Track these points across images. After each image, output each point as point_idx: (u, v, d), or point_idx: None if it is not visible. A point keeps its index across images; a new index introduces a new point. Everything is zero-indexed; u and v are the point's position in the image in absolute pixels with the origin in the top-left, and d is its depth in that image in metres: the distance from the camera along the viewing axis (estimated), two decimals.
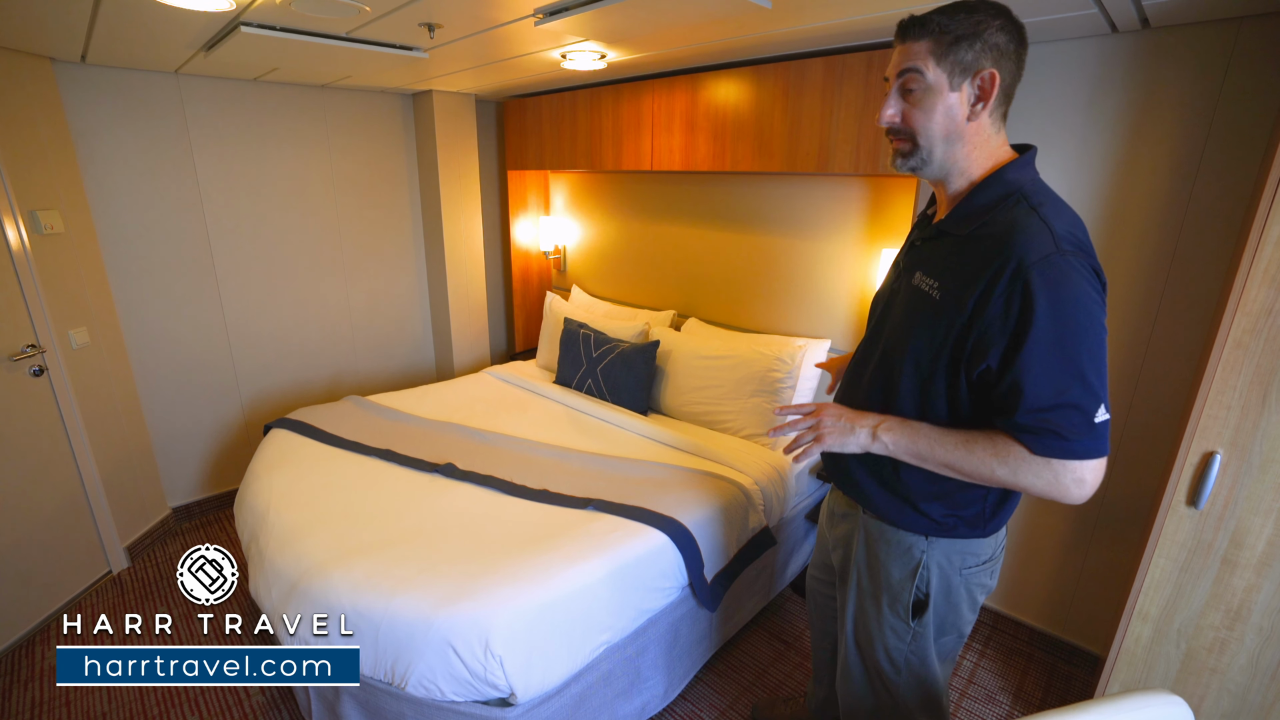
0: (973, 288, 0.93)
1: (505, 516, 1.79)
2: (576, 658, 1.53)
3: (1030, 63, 1.82)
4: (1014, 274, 0.88)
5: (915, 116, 0.98)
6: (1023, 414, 0.89)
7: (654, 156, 2.57)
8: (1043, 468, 0.90)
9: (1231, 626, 1.33)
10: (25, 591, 2.14)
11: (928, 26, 0.95)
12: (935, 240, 1.06)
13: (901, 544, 1.14)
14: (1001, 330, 0.90)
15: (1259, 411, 1.22)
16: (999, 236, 0.92)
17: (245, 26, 1.72)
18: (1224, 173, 1.57)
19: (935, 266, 1.02)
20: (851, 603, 1.26)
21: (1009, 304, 0.89)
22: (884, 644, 1.20)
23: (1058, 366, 0.87)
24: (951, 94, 0.96)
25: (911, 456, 1.01)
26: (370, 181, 3.15)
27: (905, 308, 1.06)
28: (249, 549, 1.81)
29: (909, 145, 1.01)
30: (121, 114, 2.39)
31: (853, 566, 1.25)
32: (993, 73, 0.95)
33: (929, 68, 0.95)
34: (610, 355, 2.69)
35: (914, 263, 1.09)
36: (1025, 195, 0.96)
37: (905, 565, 1.14)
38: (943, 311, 0.96)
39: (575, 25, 1.72)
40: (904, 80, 0.98)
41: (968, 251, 0.96)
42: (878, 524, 1.18)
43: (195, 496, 2.90)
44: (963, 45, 0.94)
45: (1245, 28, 1.48)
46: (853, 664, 1.29)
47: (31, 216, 2.09)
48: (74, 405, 2.26)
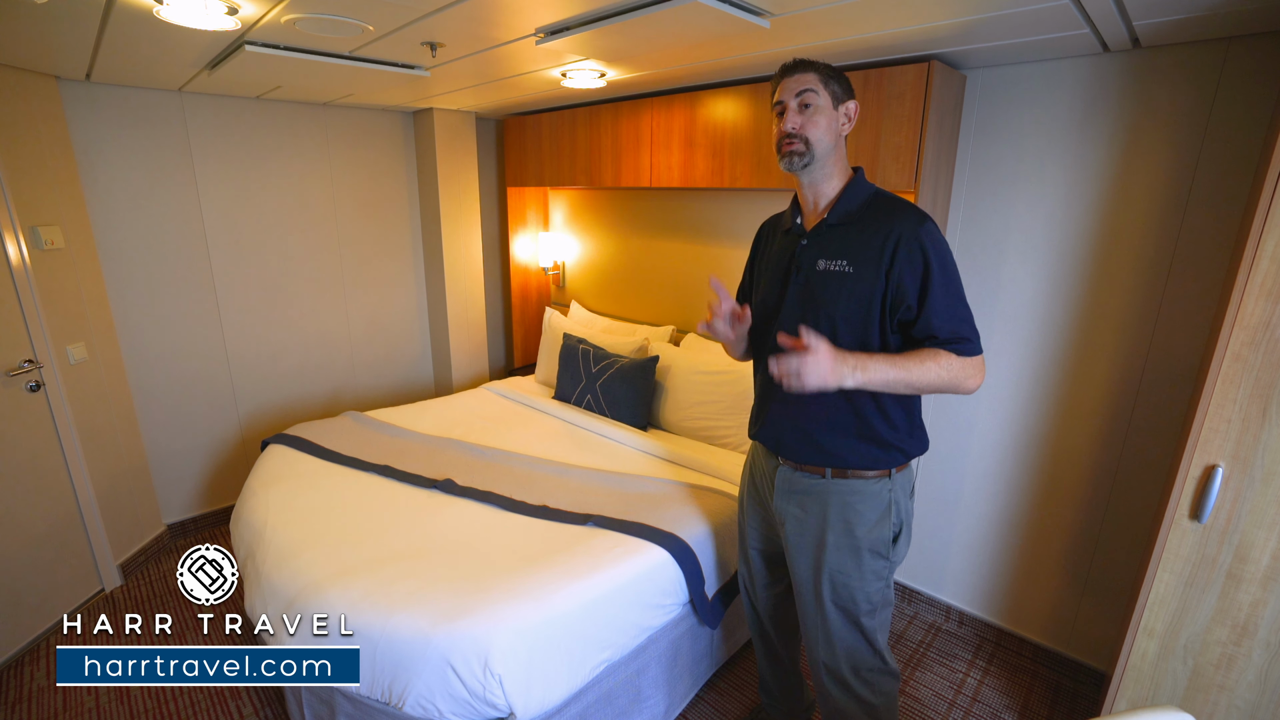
0: (881, 256, 1.23)
1: (504, 533, 1.78)
2: (577, 676, 1.51)
3: (1025, 80, 1.87)
4: (908, 239, 1.22)
5: (810, 125, 1.27)
6: (941, 331, 1.21)
7: (653, 173, 2.59)
8: (965, 365, 1.21)
9: (1239, 642, 1.32)
10: (16, 611, 2.10)
11: (815, 65, 1.28)
12: (824, 235, 1.33)
13: (872, 491, 1.34)
14: (912, 280, 1.22)
15: (1260, 424, 1.22)
16: (885, 219, 1.26)
17: (250, 45, 1.74)
18: (1217, 188, 1.59)
19: (836, 251, 1.30)
20: (828, 568, 1.37)
21: (911, 260, 1.21)
22: (865, 592, 1.38)
23: (951, 294, 1.22)
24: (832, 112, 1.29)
25: (882, 382, 1.20)
26: (370, 198, 3.17)
27: (823, 286, 1.30)
28: (245, 565, 1.79)
29: (803, 147, 1.28)
30: (124, 131, 2.41)
31: (827, 532, 1.36)
32: (857, 104, 1.32)
33: (820, 88, 1.27)
34: (609, 371, 2.68)
35: (810, 256, 1.33)
36: (880, 192, 1.33)
37: (879, 508, 1.35)
38: (859, 280, 1.25)
39: (576, 44, 1.74)
40: (802, 98, 1.26)
41: (864, 234, 1.27)
42: (847, 482, 1.35)
43: (191, 513, 2.87)
44: (833, 80, 1.29)
45: (1234, 48, 1.51)
46: (836, 626, 1.41)
47: (33, 232, 2.09)
48: (70, 421, 2.24)
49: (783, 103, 1.30)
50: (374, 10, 1.49)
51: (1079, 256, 1.83)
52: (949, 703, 1.98)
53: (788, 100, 1.29)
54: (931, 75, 1.73)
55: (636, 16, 1.46)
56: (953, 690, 2.03)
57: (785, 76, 1.30)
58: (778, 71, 1.32)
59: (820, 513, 1.38)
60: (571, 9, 1.49)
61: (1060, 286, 1.88)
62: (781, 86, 1.31)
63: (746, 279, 1.60)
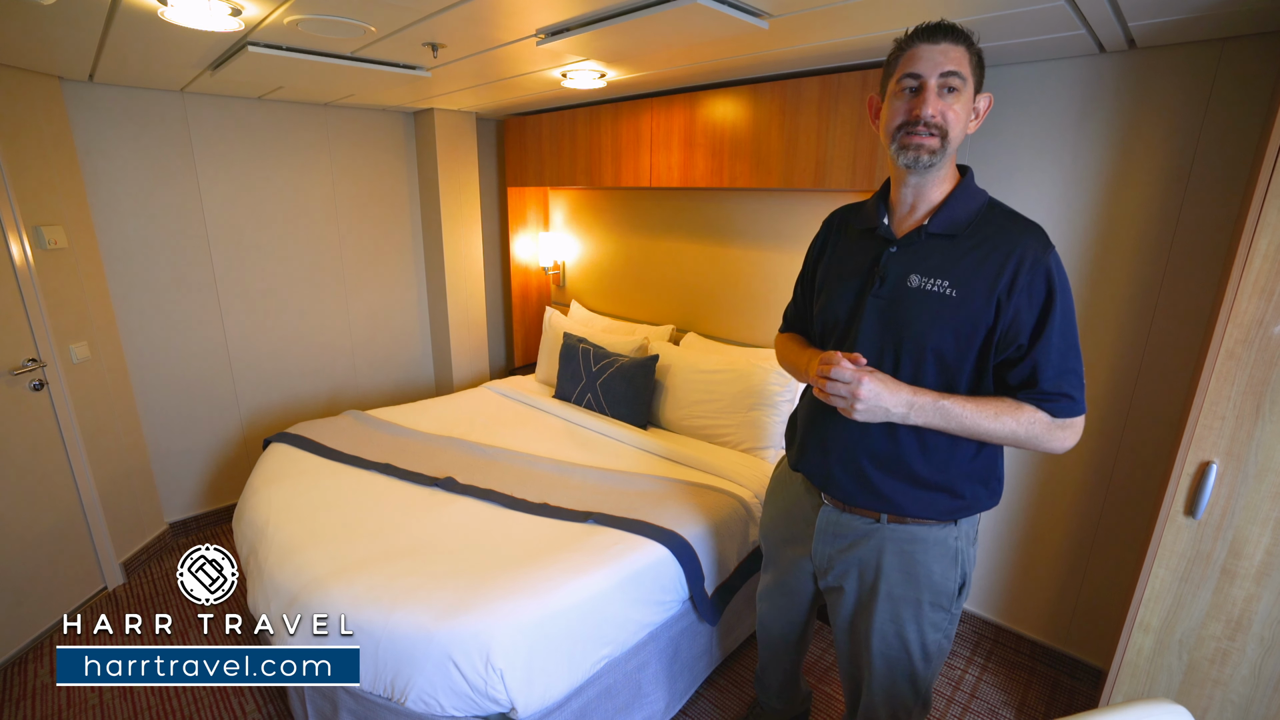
0: (996, 281, 1.03)
1: (505, 530, 1.79)
2: (577, 672, 1.52)
3: (1022, 81, 1.88)
4: (1032, 266, 1.02)
5: (951, 116, 1.03)
6: (1045, 382, 1.03)
7: (652, 173, 2.60)
8: (1059, 428, 1.05)
9: (1233, 637, 1.33)
10: (19, 609, 2.11)
11: (964, 36, 1.03)
12: (920, 244, 1.11)
13: (935, 539, 1.17)
14: (1029, 315, 1.03)
15: (1253, 421, 1.23)
16: (1004, 236, 1.05)
17: (252, 46, 1.75)
18: (1212, 187, 1.61)
19: (935, 267, 1.08)
20: (878, 622, 1.22)
21: (1033, 291, 1.02)
22: (923, 641, 1.22)
23: (1066, 341, 1.03)
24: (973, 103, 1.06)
25: (940, 423, 1.06)
26: (371, 198, 3.18)
27: (915, 308, 1.09)
28: (248, 563, 1.80)
29: (938, 143, 1.04)
30: (127, 131, 2.42)
31: (880, 582, 1.20)
32: (990, 97, 1.08)
33: (967, 73, 1.03)
34: (610, 370, 2.70)
35: (900, 267, 1.12)
36: (996, 203, 1.11)
37: (944, 557, 1.17)
38: (963, 306, 1.04)
39: (576, 45, 1.76)
40: (947, 80, 1.01)
41: (976, 252, 1.06)
42: (908, 529, 1.17)
43: (193, 511, 2.88)
44: (981, 65, 1.05)
45: (1228, 48, 1.53)
46: (881, 678, 1.27)
47: (36, 232, 2.10)
48: (73, 419, 2.25)
49: (921, 78, 1.02)
50: (376, 11, 1.50)
51: (1075, 256, 1.84)
52: (947, 699, 1.99)
53: (929, 77, 1.01)
54: None
55: (636, 17, 1.47)
56: (951, 686, 2.04)
57: (923, 42, 1.02)
58: (912, 34, 1.03)
59: (873, 562, 1.20)
60: (572, 10, 1.50)
61: None
62: (916, 56, 1.02)
63: (809, 269, 1.37)
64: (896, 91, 1.05)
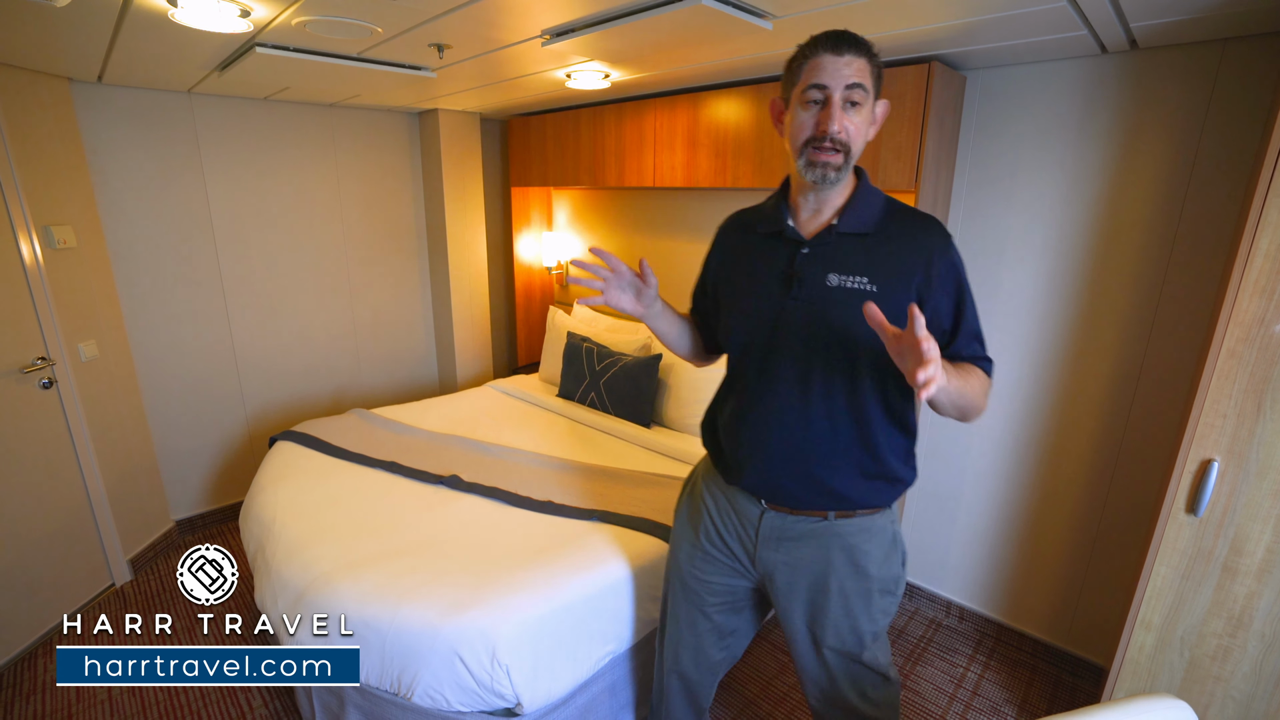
0: (913, 276, 1.08)
1: (510, 527, 1.80)
2: (582, 668, 1.53)
3: (1025, 81, 1.89)
4: (942, 258, 1.08)
5: (854, 130, 1.03)
6: (974, 351, 1.12)
7: (656, 173, 2.61)
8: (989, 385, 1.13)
9: (1234, 634, 1.34)
10: (29, 603, 2.13)
11: (867, 47, 1.02)
12: (833, 244, 1.11)
13: (878, 528, 1.21)
14: (948, 304, 1.10)
15: (1254, 419, 1.24)
16: (911, 233, 1.10)
17: (260, 47, 1.77)
18: (1213, 187, 1.61)
19: (853, 266, 1.10)
20: (831, 615, 1.22)
21: (946, 282, 1.09)
22: (873, 630, 1.24)
23: (974, 312, 1.12)
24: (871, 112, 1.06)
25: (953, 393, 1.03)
26: (376, 198, 3.20)
27: (837, 307, 1.09)
28: (255, 559, 1.82)
29: (842, 159, 1.04)
30: (134, 132, 2.44)
31: (830, 577, 1.21)
32: (887, 104, 1.10)
33: (869, 85, 1.03)
34: (613, 368, 2.71)
35: (816, 268, 1.11)
36: (893, 200, 1.15)
37: (884, 544, 1.22)
38: (885, 301, 1.03)
39: (581, 46, 1.77)
40: (851, 93, 1.00)
41: (887, 248, 1.09)
42: (854, 521, 1.19)
43: (199, 509, 2.90)
44: (880, 75, 1.06)
45: (1229, 49, 1.53)
46: (838, 669, 1.27)
47: (45, 231, 2.12)
48: (81, 417, 2.27)
49: (827, 90, 1.00)
50: (383, 12, 1.51)
51: (1077, 255, 1.85)
52: (949, 696, 2.00)
53: (834, 90, 1.00)
54: (932, 76, 1.75)
55: (642, 18, 1.48)
56: (953, 684, 2.05)
57: (828, 53, 1.00)
58: (815, 43, 1.01)
59: (821, 558, 1.21)
60: (577, 11, 1.51)
61: (1059, 284, 1.90)
62: (820, 67, 1.00)
63: (707, 281, 1.36)
64: (803, 103, 1.04)
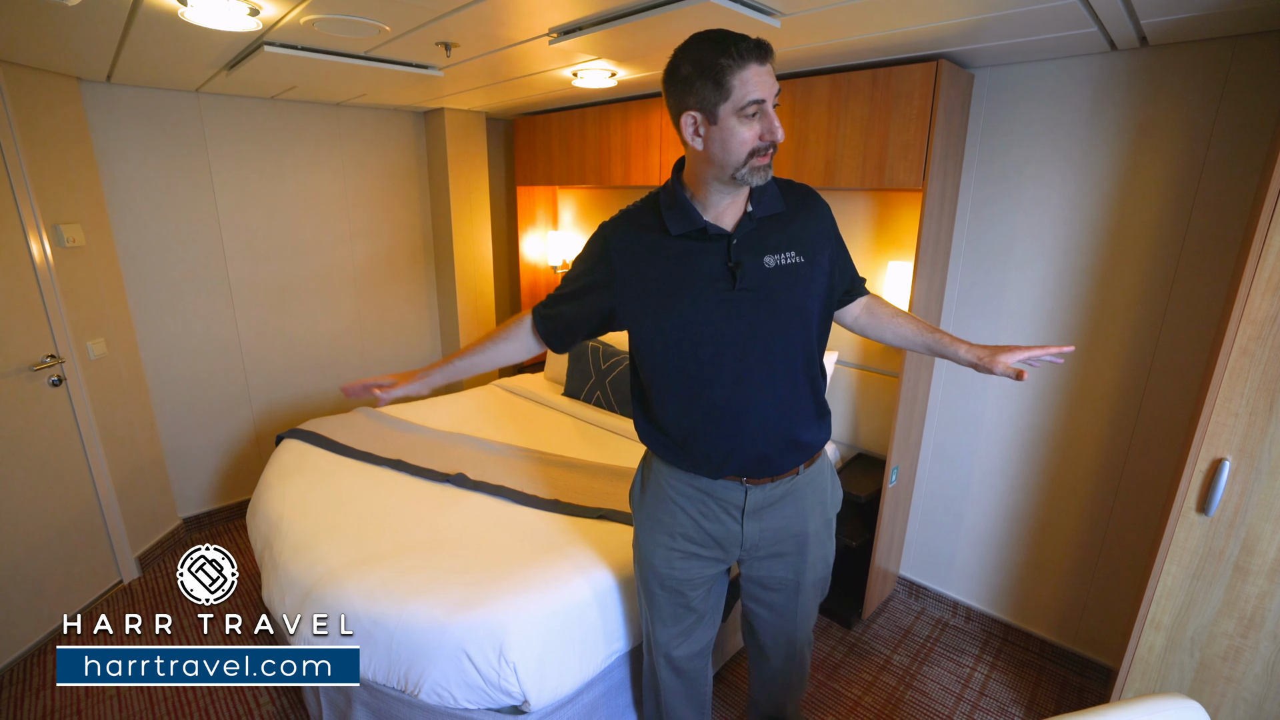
0: (822, 240, 1.23)
1: (517, 525, 1.81)
2: (588, 666, 1.53)
3: (1034, 79, 1.88)
4: (830, 218, 1.26)
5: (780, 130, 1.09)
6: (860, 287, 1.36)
7: (662, 172, 2.61)
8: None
9: (1245, 634, 1.33)
10: (38, 600, 2.15)
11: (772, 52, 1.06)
12: (753, 230, 1.17)
13: (828, 463, 1.39)
14: (843, 253, 1.29)
15: (1266, 418, 1.23)
16: (803, 202, 1.23)
17: (269, 46, 1.77)
18: (1225, 184, 1.60)
19: (779, 244, 1.18)
20: (811, 558, 1.36)
21: (832, 234, 1.26)
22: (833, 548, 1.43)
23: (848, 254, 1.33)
24: None
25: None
26: (382, 197, 3.20)
27: (781, 284, 1.17)
28: (262, 557, 1.82)
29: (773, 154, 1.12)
30: (143, 131, 2.45)
31: (808, 521, 1.33)
32: None
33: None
34: (619, 367, 2.71)
35: (749, 254, 1.15)
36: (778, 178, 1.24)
37: (832, 473, 1.41)
38: (815, 267, 1.20)
39: (588, 44, 1.77)
40: (776, 99, 1.07)
41: (796, 221, 1.21)
42: (814, 466, 1.33)
43: (206, 507, 2.91)
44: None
45: (1240, 46, 1.52)
46: (812, 607, 1.46)
47: (55, 230, 2.14)
48: (90, 415, 2.29)
49: (764, 102, 1.03)
50: (391, 11, 1.52)
51: (1086, 253, 1.84)
52: (956, 696, 1.99)
53: (768, 100, 1.04)
54: (939, 74, 1.75)
55: (649, 16, 1.48)
56: (960, 684, 2.04)
57: (756, 62, 1.01)
58: (743, 53, 1.01)
59: (798, 509, 1.31)
60: (584, 9, 1.51)
61: (1067, 282, 1.89)
62: (752, 79, 1.01)
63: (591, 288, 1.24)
64: (742, 117, 1.03)
